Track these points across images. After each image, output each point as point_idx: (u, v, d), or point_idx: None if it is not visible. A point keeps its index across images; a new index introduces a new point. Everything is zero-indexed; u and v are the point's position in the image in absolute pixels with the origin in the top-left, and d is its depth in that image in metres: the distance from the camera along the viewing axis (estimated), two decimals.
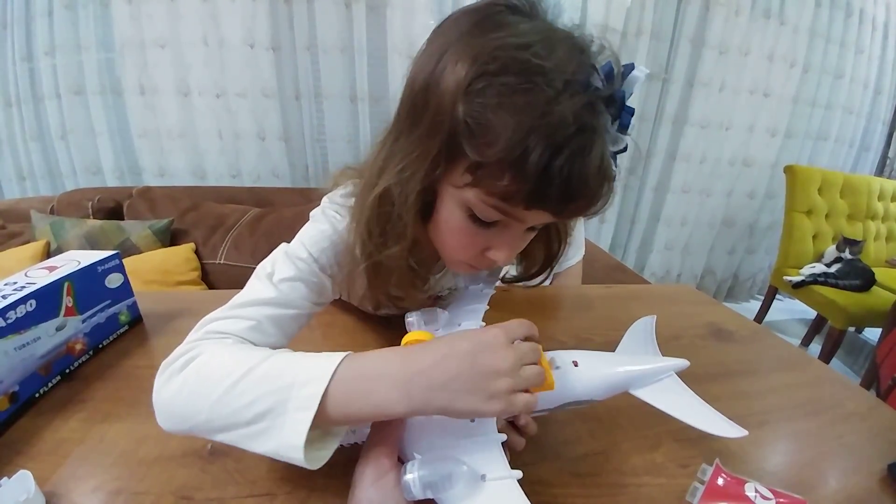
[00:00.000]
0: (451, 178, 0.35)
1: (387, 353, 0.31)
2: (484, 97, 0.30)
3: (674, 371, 0.38)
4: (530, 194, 0.31)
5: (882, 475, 0.40)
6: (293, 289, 0.39)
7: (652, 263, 2.34)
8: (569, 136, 0.29)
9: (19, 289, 0.43)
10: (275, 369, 0.29)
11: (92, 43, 1.64)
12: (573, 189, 0.31)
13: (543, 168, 0.29)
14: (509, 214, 0.35)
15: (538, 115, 0.29)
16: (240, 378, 0.29)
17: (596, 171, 0.31)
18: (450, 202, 0.36)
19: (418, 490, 0.27)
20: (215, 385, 0.29)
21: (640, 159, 2.12)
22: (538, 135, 0.29)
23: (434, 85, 0.33)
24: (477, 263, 0.41)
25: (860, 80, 2.23)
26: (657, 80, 2.00)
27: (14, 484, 0.31)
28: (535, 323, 0.34)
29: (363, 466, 0.29)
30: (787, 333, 2.09)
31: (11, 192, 1.91)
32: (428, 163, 0.34)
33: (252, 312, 0.36)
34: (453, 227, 0.38)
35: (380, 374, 0.29)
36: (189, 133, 1.74)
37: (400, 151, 0.36)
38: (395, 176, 0.36)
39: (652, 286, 1.03)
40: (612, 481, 0.37)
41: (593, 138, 0.31)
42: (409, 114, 0.36)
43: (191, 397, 0.30)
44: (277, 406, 0.27)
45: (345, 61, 1.70)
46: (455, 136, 0.32)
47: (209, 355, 0.31)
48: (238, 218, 1.49)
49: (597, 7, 1.80)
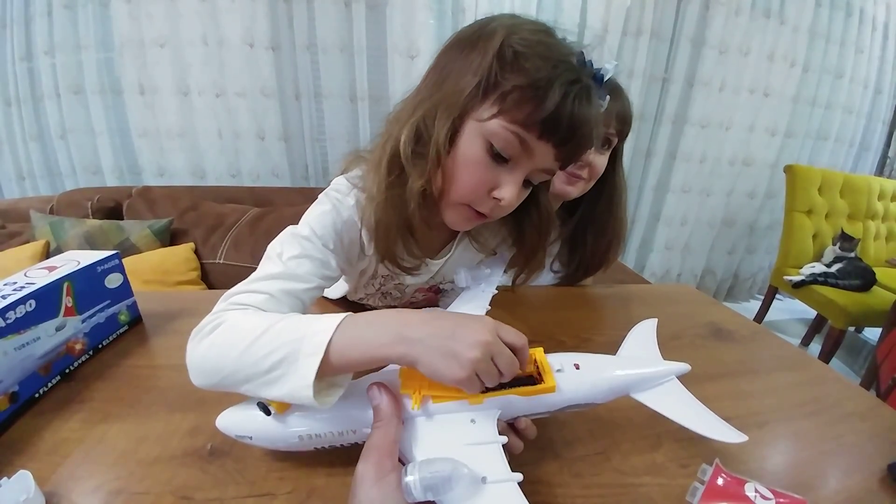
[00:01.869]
0: (477, 112, 0.42)
1: (383, 311, 0.35)
2: (524, 38, 0.40)
3: (675, 375, 0.38)
4: (545, 121, 0.39)
5: (882, 475, 0.40)
6: (299, 265, 0.44)
7: (652, 263, 2.34)
8: (578, 80, 0.39)
9: (19, 289, 0.43)
10: (289, 326, 0.34)
11: (91, 42, 1.64)
12: (576, 123, 0.40)
13: (560, 99, 0.38)
14: (524, 143, 0.41)
15: (560, 59, 0.40)
16: (260, 334, 0.33)
17: (592, 116, 0.41)
18: (470, 135, 0.42)
19: (419, 492, 0.27)
20: (239, 342, 0.33)
21: (640, 158, 2.12)
22: (561, 70, 0.39)
23: (483, 32, 0.42)
24: (480, 206, 0.45)
25: (860, 80, 2.23)
26: (657, 80, 2.00)
27: (14, 484, 0.30)
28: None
29: (364, 467, 0.29)
30: (787, 333, 2.09)
31: (11, 191, 1.91)
32: (467, 93, 0.41)
33: (266, 286, 0.41)
34: (469, 160, 0.43)
35: (376, 324, 0.34)
36: (189, 133, 1.74)
37: (435, 90, 0.44)
38: (429, 108, 0.43)
39: (652, 286, 1.03)
40: (612, 481, 0.37)
41: (591, 92, 0.41)
42: (451, 60, 0.44)
43: (219, 354, 0.34)
44: (290, 355, 0.32)
45: (344, 61, 1.70)
46: (496, 66, 0.40)
47: (233, 320, 0.36)
48: (238, 218, 1.49)
49: (597, 7, 1.80)
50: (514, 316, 0.66)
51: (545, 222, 0.54)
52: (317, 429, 0.34)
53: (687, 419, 0.35)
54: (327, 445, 0.35)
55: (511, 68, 0.39)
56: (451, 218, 0.49)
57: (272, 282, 0.41)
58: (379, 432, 0.31)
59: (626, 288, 0.88)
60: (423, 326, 0.33)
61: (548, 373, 0.35)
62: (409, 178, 0.44)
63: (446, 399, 0.34)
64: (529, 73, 0.39)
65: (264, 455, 0.37)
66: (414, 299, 0.68)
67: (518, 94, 0.39)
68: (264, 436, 0.34)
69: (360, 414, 0.34)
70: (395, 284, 0.61)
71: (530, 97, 0.39)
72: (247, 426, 0.34)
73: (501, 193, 0.43)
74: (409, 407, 0.33)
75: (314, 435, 0.34)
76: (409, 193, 0.44)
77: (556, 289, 0.82)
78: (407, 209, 0.45)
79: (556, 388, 0.34)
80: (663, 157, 2.14)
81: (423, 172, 0.43)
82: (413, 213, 0.45)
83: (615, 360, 0.40)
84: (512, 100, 0.39)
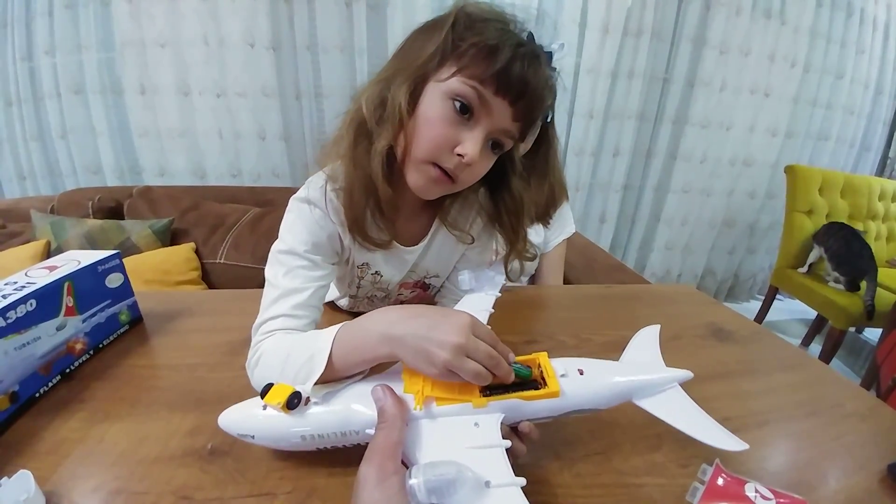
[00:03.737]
0: (438, 74, 0.45)
1: (375, 311, 0.39)
2: (479, 7, 0.45)
3: (677, 382, 0.38)
4: (499, 77, 0.42)
5: (882, 475, 0.40)
6: (292, 280, 0.49)
7: (652, 263, 2.34)
8: (526, 45, 0.44)
9: (19, 288, 0.43)
10: (299, 348, 0.40)
11: (92, 42, 1.64)
12: (527, 81, 0.43)
13: (510, 58, 0.42)
14: (482, 97, 0.43)
15: (509, 27, 0.44)
16: (283, 360, 0.41)
17: (543, 77, 0.45)
18: (432, 96, 0.45)
19: (423, 495, 0.27)
20: (272, 368, 0.42)
21: (641, 158, 2.12)
22: (511, 35, 0.43)
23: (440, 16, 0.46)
24: (445, 161, 0.46)
25: (861, 81, 2.23)
26: (658, 81, 2.00)
27: (14, 484, 0.30)
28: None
29: (367, 468, 0.29)
30: (787, 333, 2.09)
31: (12, 191, 1.91)
32: (424, 60, 0.45)
33: (277, 309, 0.46)
34: (431, 118, 0.45)
35: (366, 329, 0.38)
36: (189, 132, 1.74)
37: (396, 62, 0.48)
38: (390, 77, 0.47)
39: (652, 286, 1.03)
40: (612, 481, 0.37)
41: (540, 57, 0.45)
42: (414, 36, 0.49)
43: (264, 377, 0.41)
44: (307, 371, 0.37)
45: (345, 61, 1.70)
46: (453, 29, 0.44)
47: (263, 351, 0.44)
48: (238, 217, 1.49)
49: (597, 7, 1.80)
50: (514, 316, 0.66)
51: (519, 205, 0.56)
52: (320, 429, 0.34)
53: (689, 426, 0.35)
54: (330, 446, 0.35)
55: (466, 30, 0.43)
56: (416, 179, 0.48)
57: (279, 304, 0.47)
58: (382, 434, 0.31)
59: (626, 288, 0.88)
60: (404, 324, 0.36)
61: (552, 377, 0.35)
62: (374, 139, 0.47)
63: (450, 402, 0.34)
64: (483, 32, 0.43)
65: (264, 455, 0.37)
66: (402, 297, 0.67)
67: (474, 51, 0.42)
68: (267, 434, 0.34)
69: (363, 415, 0.34)
70: (372, 277, 0.60)
71: (485, 54, 0.42)
72: (249, 424, 0.34)
73: (465, 149, 0.45)
74: (411, 407, 0.33)
75: (317, 435, 0.34)
76: (373, 152, 0.47)
77: (557, 289, 0.82)
78: (370, 166, 0.47)
79: (560, 392, 0.34)
80: (664, 158, 2.14)
81: (387, 135, 0.46)
82: (376, 172, 0.47)
83: (619, 365, 0.40)
84: (468, 56, 0.43)
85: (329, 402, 0.35)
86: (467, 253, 0.64)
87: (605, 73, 1.89)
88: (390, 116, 0.45)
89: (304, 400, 0.34)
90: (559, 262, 1.02)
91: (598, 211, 2.19)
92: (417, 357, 0.34)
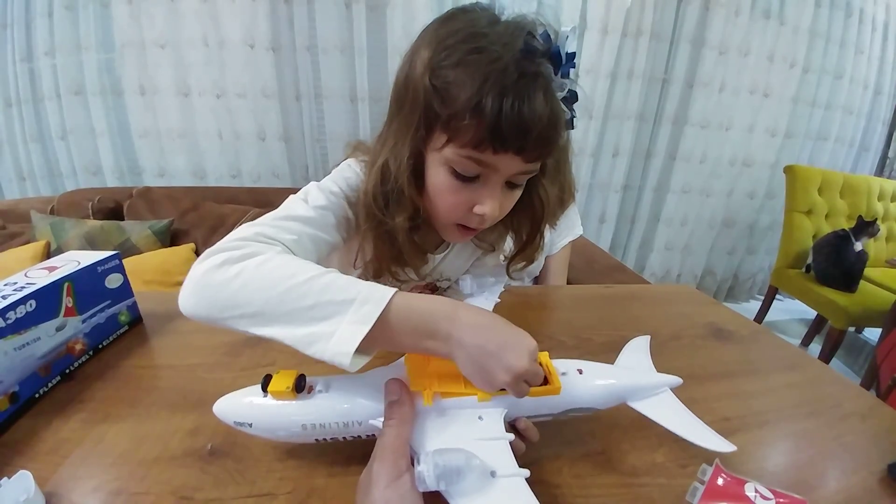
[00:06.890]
0: (432, 143, 0.42)
1: (432, 299, 0.34)
2: (444, 65, 0.39)
3: (669, 387, 0.40)
4: (493, 136, 0.38)
5: (882, 475, 0.40)
6: (324, 216, 0.46)
7: (652, 263, 2.34)
8: (513, 82, 0.36)
9: (19, 289, 0.43)
10: (337, 283, 0.32)
11: (92, 43, 1.64)
12: (525, 125, 0.37)
13: (497, 111, 0.36)
14: (482, 163, 0.40)
15: (486, 69, 0.37)
16: (303, 282, 0.32)
17: (543, 109, 0.38)
18: (434, 166, 0.43)
19: (432, 480, 0.27)
20: (277, 282, 0.32)
21: (640, 158, 2.12)
22: (489, 83, 0.36)
23: (411, 73, 0.42)
24: (467, 222, 0.46)
25: (860, 81, 2.23)
26: (657, 81, 2.00)
27: (14, 484, 0.30)
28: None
29: (380, 467, 0.29)
30: (787, 333, 2.09)
31: (11, 192, 1.91)
32: (412, 132, 0.42)
33: (294, 227, 0.42)
34: (440, 188, 0.44)
35: (431, 312, 0.32)
36: (189, 133, 1.75)
37: (392, 133, 0.45)
38: (389, 151, 0.44)
39: (652, 286, 1.03)
40: (612, 481, 0.37)
41: (536, 83, 0.37)
42: (395, 102, 0.45)
43: (245, 288, 0.32)
44: (336, 315, 0.30)
45: (345, 61, 1.71)
46: (429, 104, 0.40)
47: (270, 256, 0.34)
48: (238, 218, 1.49)
49: (597, 7, 1.80)
50: (514, 316, 0.65)
51: (539, 213, 0.54)
52: (323, 418, 0.33)
53: (680, 428, 0.36)
54: (329, 437, 0.34)
55: (442, 101, 0.39)
56: (448, 236, 0.51)
57: (302, 225, 0.42)
58: (393, 432, 0.31)
59: (626, 288, 0.88)
60: (475, 333, 0.32)
61: (553, 375, 0.36)
62: (393, 212, 0.46)
63: (455, 395, 0.34)
64: (459, 99, 0.38)
65: (264, 455, 0.37)
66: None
67: (456, 121, 0.39)
68: (266, 422, 0.33)
69: (368, 405, 0.33)
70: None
71: (468, 121, 0.38)
72: (247, 412, 0.33)
73: (482, 209, 0.44)
74: (420, 403, 0.34)
75: (318, 424, 0.33)
76: (393, 230, 0.46)
77: (556, 289, 0.82)
78: (396, 242, 0.47)
79: (561, 389, 0.35)
80: (663, 158, 2.14)
81: (403, 213, 0.45)
82: (404, 244, 0.47)
83: (616, 368, 0.42)
84: (454, 127, 0.39)
85: (333, 390, 0.34)
86: (482, 257, 0.64)
87: (605, 73, 1.90)
88: (399, 198, 0.45)
89: (307, 388, 0.33)
90: (564, 263, 1.01)
91: (598, 211, 2.20)
92: (476, 371, 0.32)
